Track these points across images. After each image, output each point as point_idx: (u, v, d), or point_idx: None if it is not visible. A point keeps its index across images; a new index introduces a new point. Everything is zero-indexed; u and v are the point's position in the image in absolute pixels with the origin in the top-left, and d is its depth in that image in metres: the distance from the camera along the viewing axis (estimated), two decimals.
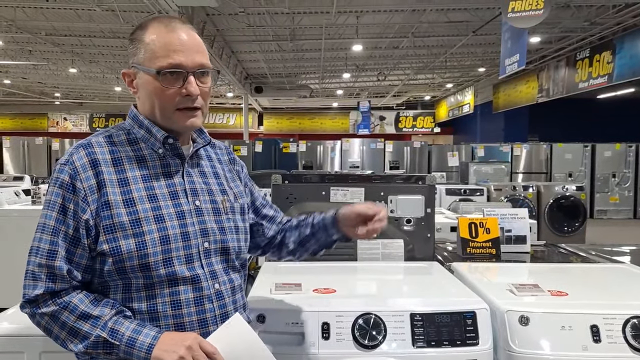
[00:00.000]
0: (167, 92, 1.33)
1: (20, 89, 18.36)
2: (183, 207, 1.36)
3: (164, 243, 1.30)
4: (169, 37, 1.33)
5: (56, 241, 1.27)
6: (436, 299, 1.78)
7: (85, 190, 1.28)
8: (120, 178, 1.32)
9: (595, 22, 9.65)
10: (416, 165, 12.89)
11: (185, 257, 1.33)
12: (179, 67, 1.32)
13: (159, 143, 1.38)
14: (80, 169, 1.30)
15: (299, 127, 22.31)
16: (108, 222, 1.28)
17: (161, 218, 1.32)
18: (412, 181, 2.45)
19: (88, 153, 1.32)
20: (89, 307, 1.26)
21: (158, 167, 1.38)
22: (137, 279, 1.29)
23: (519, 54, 6.84)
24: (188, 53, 1.33)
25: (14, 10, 9.07)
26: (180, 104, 1.34)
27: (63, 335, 1.26)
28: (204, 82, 1.38)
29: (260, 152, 11.87)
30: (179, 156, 1.41)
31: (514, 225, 2.69)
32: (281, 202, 2.42)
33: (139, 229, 1.29)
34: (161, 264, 1.29)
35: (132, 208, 1.30)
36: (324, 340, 1.61)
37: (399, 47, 12.07)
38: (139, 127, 1.40)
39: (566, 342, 1.58)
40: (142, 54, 1.34)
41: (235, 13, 9.33)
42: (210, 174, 1.48)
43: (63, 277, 1.26)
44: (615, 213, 12.53)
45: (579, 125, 15.75)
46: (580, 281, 2.11)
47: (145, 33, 1.35)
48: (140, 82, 1.37)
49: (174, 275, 1.31)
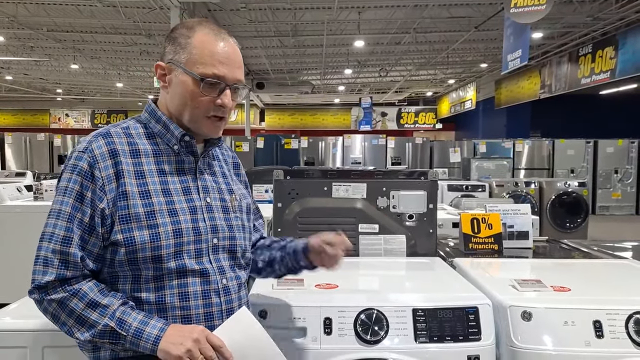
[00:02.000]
0: (202, 98, 1.36)
1: (22, 85, 18.37)
2: (195, 203, 1.39)
3: (176, 236, 1.33)
4: (217, 47, 1.37)
5: (71, 228, 1.28)
6: (438, 294, 1.78)
7: (103, 179, 1.30)
8: (138, 170, 1.35)
9: (598, 18, 9.60)
10: (418, 161, 12.87)
11: (195, 252, 1.36)
12: (220, 79, 1.36)
13: (175, 140, 1.41)
14: (100, 157, 1.31)
15: (301, 123, 22.29)
16: (124, 212, 1.30)
17: (174, 212, 1.34)
18: (414, 177, 2.45)
19: (107, 142, 1.34)
20: (98, 296, 1.27)
21: (173, 162, 1.41)
22: (147, 270, 1.31)
23: (522, 49, 6.81)
24: (231, 67, 1.38)
25: (15, 6, 9.06)
26: (210, 111, 1.38)
27: (70, 323, 1.26)
28: (235, 97, 1.43)
29: (262, 148, 11.88)
30: (192, 154, 1.44)
31: (516, 221, 2.68)
32: (283, 198, 2.42)
33: (154, 221, 1.31)
34: (172, 256, 1.32)
35: (148, 200, 1.32)
36: (326, 336, 1.61)
37: (400, 42, 12.05)
38: (156, 122, 1.43)
39: (569, 338, 1.58)
40: (185, 54, 1.36)
41: (237, 9, 9.31)
42: (219, 174, 1.52)
43: (76, 265, 1.27)
44: (618, 209, 12.52)
45: (581, 121, 15.72)
46: (583, 277, 2.11)
47: (193, 34, 1.38)
48: (176, 80, 1.38)
49: (183, 268, 1.33)
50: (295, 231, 2.39)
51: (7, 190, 4.94)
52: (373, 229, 2.41)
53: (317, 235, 1.60)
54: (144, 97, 20.65)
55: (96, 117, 22.48)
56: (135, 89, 19.04)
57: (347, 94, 20.31)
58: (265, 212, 3.63)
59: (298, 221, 2.40)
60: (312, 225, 2.40)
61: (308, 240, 1.62)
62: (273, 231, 2.44)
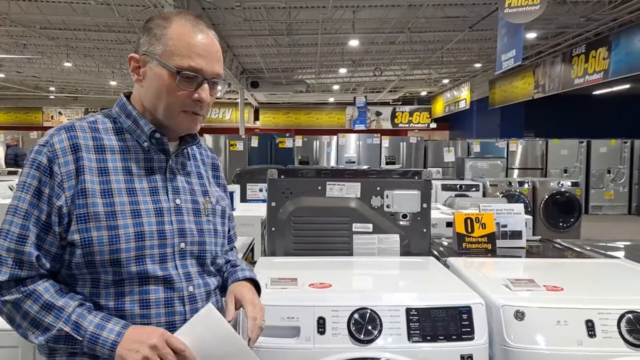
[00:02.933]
0: (179, 92, 1.29)
1: (14, 83, 18.25)
2: (162, 205, 1.31)
3: (138, 239, 1.25)
4: (195, 38, 1.30)
5: (27, 225, 1.21)
6: (432, 293, 1.78)
7: (62, 175, 1.23)
8: (101, 167, 1.27)
9: (592, 18, 9.65)
10: (412, 160, 12.90)
11: (160, 256, 1.28)
12: (198, 72, 1.29)
13: (145, 136, 1.33)
14: (60, 152, 1.24)
15: (295, 122, 22.27)
16: (82, 210, 1.22)
17: (138, 213, 1.27)
18: (408, 176, 2.46)
19: (70, 137, 1.27)
20: (54, 297, 1.20)
21: (141, 160, 1.33)
22: (106, 274, 1.24)
23: (516, 49, 6.83)
24: (210, 60, 1.31)
25: (8, 4, 8.99)
26: (187, 106, 1.31)
27: (25, 325, 1.20)
28: (214, 92, 1.36)
29: (256, 147, 11.87)
30: (164, 152, 1.36)
31: (509, 221, 2.69)
32: (277, 197, 2.41)
33: (114, 222, 1.23)
34: (133, 260, 1.24)
35: (109, 199, 1.24)
36: (320, 335, 1.61)
37: (395, 42, 12.06)
38: (126, 117, 1.36)
39: (561, 337, 1.58)
40: (161, 46, 1.29)
41: (231, 7, 9.29)
42: (194, 174, 1.44)
43: (31, 264, 1.20)
44: (610, 209, 12.60)
45: (575, 121, 15.81)
46: (576, 276, 2.11)
47: (169, 25, 1.30)
48: (151, 73, 1.31)
49: (145, 274, 1.26)
50: (290, 230, 2.39)
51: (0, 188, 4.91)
52: (367, 228, 2.41)
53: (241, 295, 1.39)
54: None
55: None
56: (129, 87, 18.65)
57: (341, 93, 20.32)
58: (259, 212, 3.64)
59: (292, 220, 2.39)
60: (306, 224, 2.40)
61: (232, 286, 1.44)
62: (267, 230, 2.43)
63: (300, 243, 2.39)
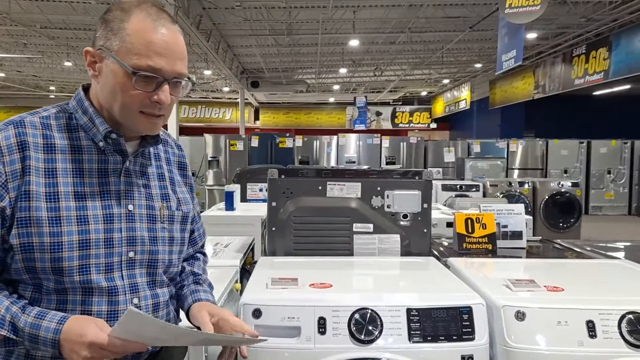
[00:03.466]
0: (135, 92, 1.19)
1: (14, 82, 18.25)
2: (113, 210, 1.23)
3: (82, 248, 1.17)
4: (154, 35, 1.18)
5: None
6: (432, 294, 1.78)
7: (7, 174, 1.14)
8: (48, 167, 1.18)
9: (592, 19, 9.65)
10: (412, 160, 12.89)
11: (105, 266, 1.21)
12: (157, 72, 1.18)
13: (100, 135, 1.24)
14: (6, 150, 1.15)
15: (296, 122, 22.28)
16: (24, 214, 1.14)
17: (85, 220, 1.19)
18: (408, 176, 2.45)
19: (18, 133, 1.18)
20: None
21: (94, 161, 1.24)
22: (48, 281, 1.17)
23: (516, 49, 6.84)
24: (170, 59, 1.20)
25: (8, 3, 8.99)
26: (145, 107, 1.21)
27: None
28: (176, 93, 1.25)
29: (256, 147, 11.85)
30: (120, 153, 1.27)
31: (510, 221, 2.69)
32: (278, 197, 2.41)
33: (57, 229, 1.15)
34: (76, 270, 1.17)
35: (54, 204, 1.16)
36: (320, 335, 1.61)
37: (395, 42, 12.06)
38: (82, 113, 1.26)
39: (562, 338, 1.58)
40: (118, 41, 1.18)
41: (231, 7, 9.29)
42: (153, 176, 1.36)
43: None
44: (610, 209, 12.60)
45: (575, 121, 15.81)
46: (576, 277, 2.11)
47: (128, 19, 1.19)
48: (107, 70, 1.20)
49: (89, 284, 1.18)
50: (290, 230, 2.39)
51: None
52: (367, 228, 2.41)
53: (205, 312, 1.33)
54: None
55: None
56: None
57: (341, 93, 20.32)
58: (259, 211, 3.63)
59: (292, 220, 2.39)
60: (307, 224, 2.40)
61: (191, 308, 1.38)
62: (267, 230, 2.43)
63: (301, 243, 2.39)
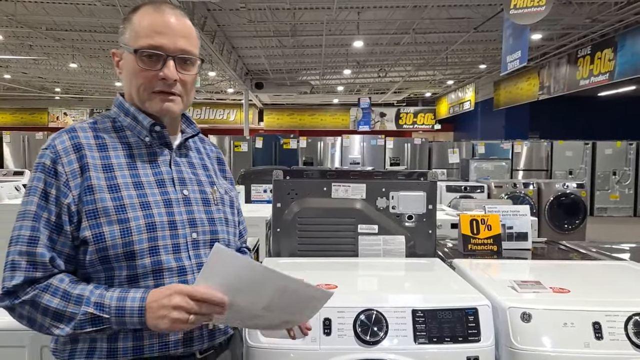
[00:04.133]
0: (143, 73, 1.29)
1: (20, 84, 18.34)
2: (170, 196, 1.31)
3: (150, 230, 1.25)
4: (154, 17, 1.30)
5: (37, 227, 1.21)
6: (438, 295, 1.78)
7: (67, 174, 1.23)
8: (105, 164, 1.27)
9: (597, 19, 9.62)
10: (417, 162, 12.89)
11: (172, 247, 1.27)
12: (158, 49, 1.28)
13: (145, 131, 1.34)
14: (62, 152, 1.25)
15: (300, 123, 22.28)
16: (91, 207, 1.22)
17: (147, 205, 1.26)
18: (413, 177, 2.45)
19: (71, 137, 1.28)
20: (70, 286, 1.19)
21: (144, 155, 1.34)
22: (120, 270, 1.22)
23: (521, 50, 6.83)
24: (171, 36, 1.30)
25: (14, 5, 9.04)
26: (156, 86, 1.31)
27: (47, 322, 1.17)
28: (186, 70, 1.34)
29: (260, 148, 11.88)
30: (166, 145, 1.37)
31: (515, 222, 2.68)
32: (283, 198, 2.41)
33: (124, 215, 1.23)
34: (147, 252, 1.23)
35: (117, 194, 1.24)
36: (326, 336, 1.60)
37: (400, 43, 12.05)
38: (125, 115, 1.36)
39: (568, 339, 1.58)
40: (128, 33, 1.32)
41: (236, 8, 9.31)
42: (199, 166, 1.44)
43: (45, 265, 1.19)
44: (616, 211, 12.55)
45: (580, 122, 15.75)
46: (582, 278, 2.11)
47: (135, 13, 1.33)
48: (124, 62, 1.35)
49: (159, 265, 1.25)
50: (295, 231, 2.39)
51: (5, 189, 4.93)
52: (372, 229, 2.40)
53: None
54: None
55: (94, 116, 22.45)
56: None
57: (346, 94, 20.32)
58: (264, 212, 3.63)
59: (297, 221, 2.39)
60: (312, 225, 2.40)
61: None
62: (272, 231, 2.43)
63: (306, 244, 2.39)
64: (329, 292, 1.24)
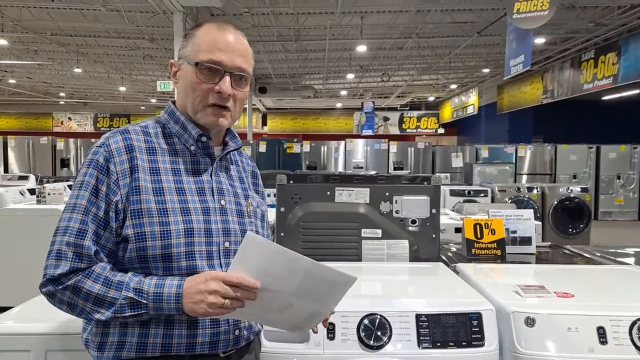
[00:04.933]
0: (201, 85, 1.36)
1: (25, 89, 18.43)
2: (209, 205, 1.38)
3: (188, 235, 1.31)
4: (217, 35, 1.38)
5: (86, 221, 1.27)
6: (442, 299, 1.78)
7: (118, 173, 1.30)
8: (152, 167, 1.34)
9: (600, 23, 9.62)
10: (420, 166, 12.88)
11: (207, 254, 1.33)
12: (217, 64, 1.35)
13: (192, 140, 1.41)
14: (115, 152, 1.31)
15: (303, 128, 22.32)
16: (136, 206, 1.29)
17: (187, 211, 1.33)
18: (417, 182, 2.45)
19: (125, 138, 1.35)
20: (111, 274, 1.25)
21: (189, 163, 1.40)
22: (157, 270, 1.29)
23: (524, 54, 6.82)
24: (231, 54, 1.37)
25: (19, 10, 9.10)
26: (211, 100, 1.37)
27: (89, 307, 1.24)
28: (240, 87, 1.40)
29: (264, 153, 11.89)
30: (209, 155, 1.43)
31: (519, 227, 2.68)
32: (286, 202, 2.42)
33: (166, 219, 1.30)
34: (183, 256, 1.30)
35: (161, 197, 1.32)
36: (329, 341, 1.61)
37: (403, 47, 12.07)
38: (174, 122, 1.43)
39: (572, 344, 1.58)
40: (189, 46, 1.39)
41: (239, 13, 9.35)
42: (236, 178, 1.51)
43: (90, 257, 1.25)
44: (620, 215, 12.49)
45: (584, 126, 15.72)
46: (586, 283, 2.10)
47: (199, 29, 1.40)
48: (182, 73, 1.41)
49: (194, 270, 1.30)
50: (299, 235, 2.39)
51: (10, 193, 4.95)
52: (376, 234, 2.41)
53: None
54: (147, 100, 20.70)
55: (99, 120, 22.53)
56: (138, 93, 19.09)
57: (349, 98, 20.34)
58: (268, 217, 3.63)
59: (301, 225, 2.40)
60: (315, 229, 2.41)
61: None
62: (276, 236, 2.44)
63: (310, 248, 2.39)
64: (353, 277, 1.28)
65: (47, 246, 1.30)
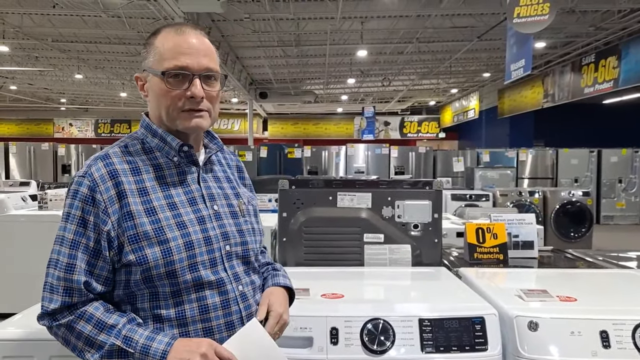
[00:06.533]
0: (171, 93, 1.34)
1: (26, 95, 18.47)
2: (202, 213, 1.37)
3: (188, 249, 1.31)
4: (177, 39, 1.35)
5: (75, 254, 1.27)
6: (444, 304, 1.78)
7: (105, 201, 1.28)
8: (140, 187, 1.33)
9: (601, 27, 9.63)
10: (421, 170, 12.88)
11: (209, 262, 1.34)
12: (184, 69, 1.33)
13: (174, 151, 1.39)
14: (99, 180, 1.30)
15: (304, 133, 22.33)
16: (132, 232, 1.28)
17: (183, 224, 1.32)
18: (419, 186, 2.46)
19: (106, 164, 1.33)
20: (104, 316, 1.26)
21: (174, 175, 1.39)
22: (163, 287, 1.29)
23: (525, 59, 6.83)
24: (195, 56, 1.35)
25: (20, 17, 9.13)
26: (185, 105, 1.35)
27: (80, 345, 1.26)
28: (211, 86, 1.39)
29: (265, 158, 11.90)
30: (193, 163, 1.42)
31: (521, 231, 2.68)
32: (288, 208, 2.42)
33: (163, 237, 1.29)
34: (187, 269, 1.30)
35: (154, 217, 1.30)
36: (333, 345, 1.61)
37: (403, 52, 12.09)
38: (152, 136, 1.41)
39: (575, 348, 1.58)
40: (151, 57, 1.37)
41: (240, 19, 9.37)
42: (223, 179, 1.50)
43: (80, 291, 1.26)
44: (622, 219, 12.47)
45: (585, 130, 15.72)
46: (589, 287, 2.10)
47: (156, 37, 1.38)
48: (150, 84, 1.39)
49: (199, 280, 1.31)
50: (301, 241, 2.39)
51: (12, 199, 4.96)
52: (378, 238, 2.41)
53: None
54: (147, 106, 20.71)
55: (100, 126, 22.56)
56: (139, 99, 19.10)
57: (350, 103, 20.36)
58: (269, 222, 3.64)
59: (303, 231, 2.40)
60: (318, 235, 2.41)
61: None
62: (278, 241, 2.44)
63: (312, 253, 2.40)
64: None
65: (48, 252, 1.32)
